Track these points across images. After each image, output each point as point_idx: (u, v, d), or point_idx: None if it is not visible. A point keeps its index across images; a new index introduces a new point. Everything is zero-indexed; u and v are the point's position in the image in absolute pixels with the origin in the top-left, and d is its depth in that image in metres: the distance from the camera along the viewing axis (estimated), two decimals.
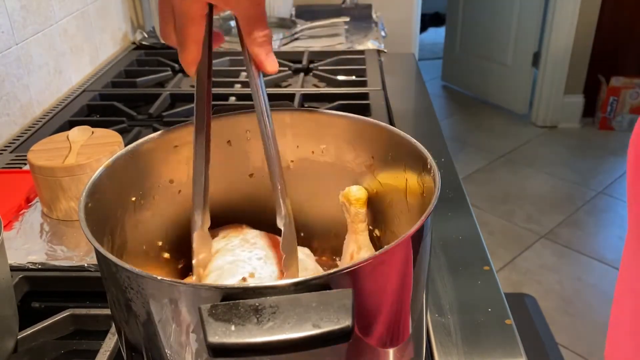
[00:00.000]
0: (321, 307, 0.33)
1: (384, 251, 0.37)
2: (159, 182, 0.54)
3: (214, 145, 0.57)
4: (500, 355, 0.54)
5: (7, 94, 0.99)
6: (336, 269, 0.35)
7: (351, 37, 1.52)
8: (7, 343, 0.52)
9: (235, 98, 1.13)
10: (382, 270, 0.38)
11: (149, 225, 0.53)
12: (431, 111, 1.11)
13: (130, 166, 0.50)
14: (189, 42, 0.46)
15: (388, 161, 0.53)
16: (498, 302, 0.61)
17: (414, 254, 0.41)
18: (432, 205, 0.41)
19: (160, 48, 1.45)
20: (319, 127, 0.56)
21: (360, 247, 0.53)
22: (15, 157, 0.92)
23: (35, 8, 1.08)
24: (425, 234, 0.42)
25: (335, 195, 0.57)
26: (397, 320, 0.42)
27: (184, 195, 0.56)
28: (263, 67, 0.47)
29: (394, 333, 0.42)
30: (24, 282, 0.63)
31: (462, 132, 3.29)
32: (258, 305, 0.33)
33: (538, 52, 3.26)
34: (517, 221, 2.49)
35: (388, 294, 0.40)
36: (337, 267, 0.36)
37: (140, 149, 0.51)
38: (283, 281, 0.35)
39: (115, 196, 0.49)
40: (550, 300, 2.03)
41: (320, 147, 0.57)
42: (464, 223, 0.74)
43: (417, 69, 1.37)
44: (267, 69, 0.47)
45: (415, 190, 0.50)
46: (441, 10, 4.60)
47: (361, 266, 0.36)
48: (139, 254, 0.53)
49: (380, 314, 0.40)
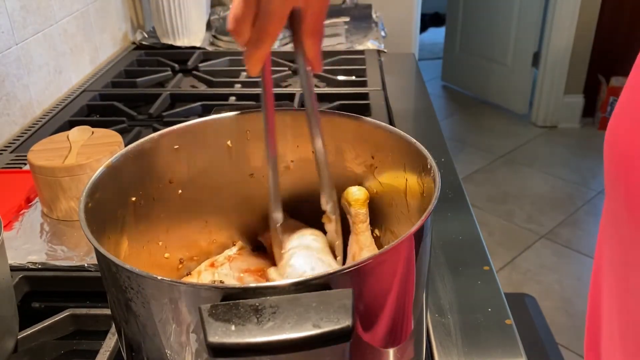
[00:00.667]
0: (321, 307, 0.33)
1: (384, 251, 0.37)
2: (159, 182, 0.54)
3: (214, 146, 0.57)
4: (500, 355, 0.54)
5: (7, 94, 0.99)
6: (336, 268, 0.35)
7: (351, 37, 1.52)
8: (7, 343, 0.52)
9: (235, 98, 1.13)
10: (382, 270, 0.38)
11: (149, 225, 0.53)
12: (431, 111, 1.11)
13: (130, 166, 0.50)
14: (268, 39, 0.46)
15: (388, 161, 0.53)
16: (498, 302, 0.61)
17: (414, 254, 0.41)
18: (433, 205, 0.41)
19: (160, 48, 1.45)
20: None
21: (362, 248, 0.53)
22: (15, 157, 0.92)
23: (35, 8, 1.08)
24: (426, 234, 0.42)
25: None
26: (397, 320, 0.42)
27: (184, 196, 0.56)
28: (317, 65, 0.49)
29: (395, 333, 0.42)
30: (24, 282, 0.63)
31: (462, 132, 3.29)
32: (258, 305, 0.33)
33: (538, 52, 3.26)
34: (517, 221, 2.49)
35: (388, 294, 0.40)
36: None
37: (141, 149, 0.51)
38: (283, 281, 0.35)
39: (115, 196, 0.49)
40: (550, 300, 2.03)
41: None
42: (464, 223, 0.74)
43: (417, 69, 1.37)
44: (319, 68, 0.49)
45: (415, 190, 0.50)
46: (441, 10, 4.60)
47: (361, 266, 0.36)
48: (139, 254, 0.53)
49: (380, 314, 0.40)
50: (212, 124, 0.56)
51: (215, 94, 1.16)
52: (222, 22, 1.63)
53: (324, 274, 0.35)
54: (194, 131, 0.55)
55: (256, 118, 0.57)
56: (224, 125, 0.56)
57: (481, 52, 3.58)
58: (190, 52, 1.39)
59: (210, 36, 1.52)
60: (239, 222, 0.61)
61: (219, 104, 1.09)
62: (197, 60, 1.35)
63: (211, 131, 0.56)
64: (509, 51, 3.40)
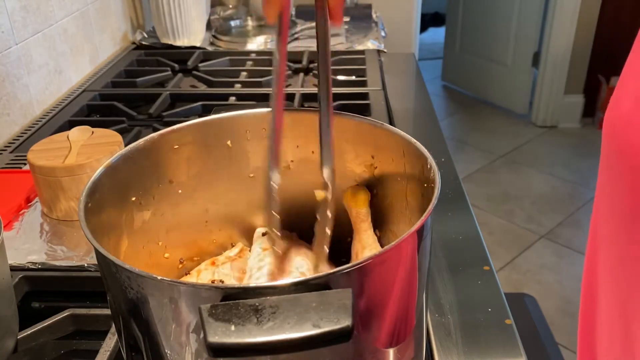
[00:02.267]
0: (321, 307, 0.33)
1: (384, 251, 0.37)
2: (159, 182, 0.54)
3: (213, 146, 0.57)
4: (500, 355, 0.54)
5: (7, 94, 0.99)
6: (336, 268, 0.35)
7: (351, 37, 1.52)
8: (7, 343, 0.52)
9: (235, 98, 1.13)
10: (382, 270, 0.38)
11: (149, 225, 0.53)
12: (431, 111, 1.11)
13: (130, 166, 0.50)
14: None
15: (388, 161, 0.53)
16: (498, 302, 0.61)
17: (416, 254, 0.41)
18: (432, 205, 0.41)
19: (160, 48, 1.45)
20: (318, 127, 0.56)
21: (364, 247, 0.53)
22: (15, 157, 0.92)
23: (35, 8, 1.08)
24: (426, 234, 0.42)
25: (336, 196, 0.57)
26: (397, 320, 0.42)
27: (184, 195, 0.56)
28: (339, 17, 0.48)
29: (394, 333, 0.42)
30: (24, 282, 0.63)
31: (462, 132, 3.29)
32: (258, 305, 0.33)
33: (538, 52, 3.26)
34: (517, 221, 2.49)
35: (388, 294, 0.40)
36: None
37: (140, 148, 0.51)
38: (283, 281, 0.35)
39: (115, 196, 0.49)
40: (550, 300, 2.03)
41: None
42: (464, 223, 0.74)
43: (417, 69, 1.37)
44: (340, 21, 0.49)
45: (415, 190, 0.49)
46: (441, 10, 4.60)
47: (361, 266, 0.36)
48: (139, 254, 0.53)
49: (380, 314, 0.40)
50: (212, 124, 0.56)
51: (215, 94, 1.16)
52: (222, 22, 1.63)
53: (324, 274, 0.35)
54: (194, 131, 0.55)
55: (256, 118, 0.57)
56: (224, 125, 0.56)
57: (481, 52, 3.58)
58: (190, 52, 1.39)
59: (210, 36, 1.52)
60: (239, 222, 0.61)
61: (219, 104, 1.09)
62: (197, 60, 1.35)
63: (211, 131, 0.56)
64: (509, 51, 3.40)
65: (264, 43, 1.46)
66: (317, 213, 0.50)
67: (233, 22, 1.60)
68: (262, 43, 1.46)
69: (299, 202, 0.60)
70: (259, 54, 1.39)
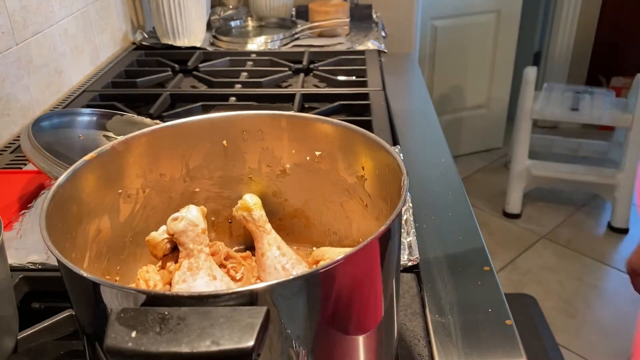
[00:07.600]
0: (227, 323, 0.32)
1: (313, 271, 0.37)
2: (149, 175, 0.54)
3: (212, 146, 0.57)
4: (500, 355, 0.54)
5: (7, 94, 0.99)
6: (257, 284, 0.35)
7: (351, 37, 1.52)
8: (7, 343, 0.52)
9: (235, 98, 1.13)
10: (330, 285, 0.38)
11: (136, 218, 0.54)
12: (431, 111, 1.11)
13: (117, 159, 0.51)
14: None
15: (375, 174, 0.52)
16: (498, 302, 0.60)
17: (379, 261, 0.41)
18: (390, 221, 0.41)
19: (161, 48, 1.45)
20: (314, 133, 0.56)
21: (271, 245, 0.54)
22: (15, 157, 0.92)
23: (35, 8, 1.08)
24: (392, 237, 0.42)
25: (332, 204, 0.57)
26: (361, 314, 0.42)
27: (175, 189, 0.56)
28: None
29: (361, 324, 0.42)
30: (24, 282, 0.63)
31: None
32: (167, 315, 0.32)
33: (538, 52, 3.26)
34: (517, 221, 2.49)
35: (351, 294, 0.40)
36: None
37: (129, 142, 0.52)
38: (203, 292, 0.35)
39: (99, 189, 0.49)
40: (550, 300, 2.03)
41: (316, 153, 0.56)
42: (464, 223, 0.74)
43: (417, 69, 1.37)
44: None
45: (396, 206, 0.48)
46: None
47: (280, 283, 0.36)
48: (127, 246, 0.53)
49: (344, 312, 0.40)
50: (210, 124, 0.56)
51: (216, 94, 1.16)
52: (222, 22, 1.63)
53: (245, 289, 0.34)
54: (188, 130, 0.55)
55: (254, 118, 0.57)
56: (221, 126, 0.56)
57: None
58: (190, 52, 1.39)
59: (211, 36, 1.52)
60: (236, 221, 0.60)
61: (219, 104, 1.09)
62: (197, 60, 1.35)
63: (206, 130, 0.56)
64: None
65: (264, 43, 1.46)
66: None
67: (233, 23, 1.59)
68: (262, 43, 1.46)
69: (296, 207, 0.60)
70: (259, 55, 1.39)
